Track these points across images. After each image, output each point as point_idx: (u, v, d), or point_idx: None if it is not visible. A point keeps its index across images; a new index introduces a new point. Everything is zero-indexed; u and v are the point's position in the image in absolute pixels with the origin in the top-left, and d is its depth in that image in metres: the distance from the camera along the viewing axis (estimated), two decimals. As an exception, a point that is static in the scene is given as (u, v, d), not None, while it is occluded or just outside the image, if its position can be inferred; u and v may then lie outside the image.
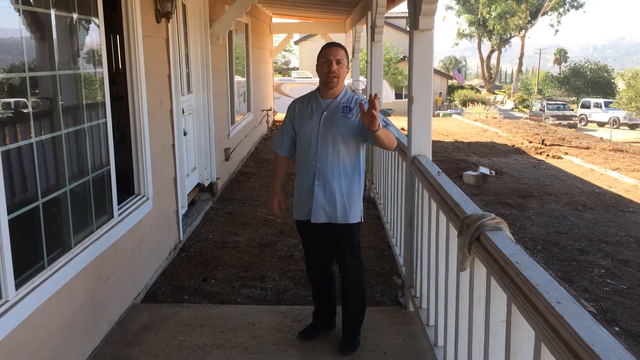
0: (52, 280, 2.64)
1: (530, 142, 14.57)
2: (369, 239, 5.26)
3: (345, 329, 3.18)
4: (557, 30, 51.90)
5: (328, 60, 2.97)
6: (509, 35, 52.45)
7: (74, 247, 2.95)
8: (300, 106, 3.13)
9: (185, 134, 5.60)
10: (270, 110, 13.74)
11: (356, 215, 3.06)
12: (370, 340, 3.22)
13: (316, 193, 3.01)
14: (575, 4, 49.53)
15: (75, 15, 3.09)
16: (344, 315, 3.19)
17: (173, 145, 4.86)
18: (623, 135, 27.21)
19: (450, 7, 53.29)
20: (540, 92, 50.35)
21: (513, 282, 1.68)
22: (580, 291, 4.83)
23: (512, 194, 8.32)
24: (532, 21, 50.41)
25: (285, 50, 47.32)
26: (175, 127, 4.91)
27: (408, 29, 3.63)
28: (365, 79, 8.25)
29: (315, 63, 3.05)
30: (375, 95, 2.75)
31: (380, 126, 2.77)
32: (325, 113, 3.01)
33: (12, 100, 2.60)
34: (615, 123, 32.15)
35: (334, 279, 3.32)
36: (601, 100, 35.77)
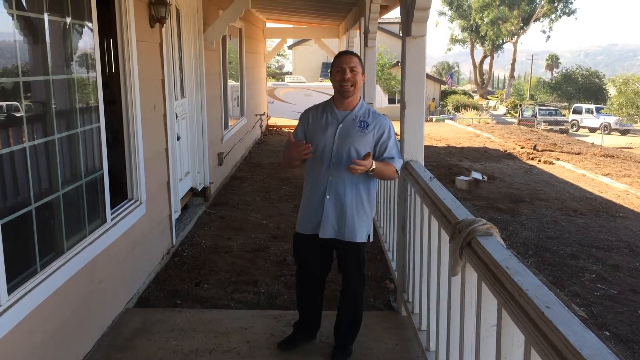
0: (45, 285, 2.63)
1: (523, 148, 14.65)
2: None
3: (339, 339, 3.15)
4: (549, 37, 52.30)
5: (341, 68, 2.88)
6: (501, 41, 52.78)
7: (66, 251, 2.95)
8: (314, 116, 3.03)
9: (178, 138, 5.60)
10: (263, 114, 13.75)
11: (363, 234, 2.98)
12: (363, 345, 3.23)
13: (326, 207, 2.92)
14: (567, 11, 49.94)
15: (68, 20, 3.09)
16: (339, 325, 3.15)
17: (166, 150, 4.87)
18: (614, 140, 27.41)
19: (443, 13, 53.53)
20: (532, 97, 50.65)
21: (503, 287, 1.70)
22: (571, 296, 4.87)
23: (504, 199, 8.37)
24: (524, 27, 50.77)
25: (279, 55, 47.37)
26: (169, 132, 4.91)
27: (401, 35, 3.65)
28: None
29: (309, 67, 3.04)
30: (367, 154, 2.79)
31: (374, 166, 2.78)
32: (341, 125, 2.93)
33: (4, 104, 2.59)
34: (607, 129, 32.40)
35: (323, 292, 3.26)
36: (592, 106, 36.01)
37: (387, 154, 2.93)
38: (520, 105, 38.94)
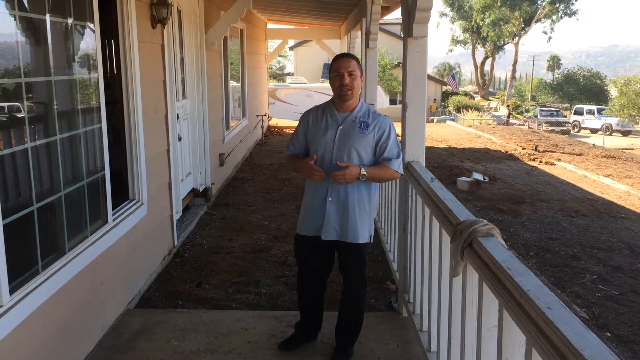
0: (47, 285, 2.64)
1: (524, 149, 14.64)
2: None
3: (340, 340, 3.16)
4: (550, 38, 52.28)
5: (339, 73, 2.87)
6: (502, 42, 52.74)
7: (68, 252, 2.95)
8: (315, 118, 3.03)
9: (180, 139, 5.61)
10: (265, 115, 13.76)
11: (365, 235, 2.98)
12: (364, 346, 3.23)
13: (328, 209, 2.92)
14: (568, 12, 49.89)
15: (70, 21, 3.10)
16: (340, 325, 3.16)
17: (168, 151, 4.87)
18: (615, 141, 27.39)
19: (444, 14, 53.48)
20: (533, 98, 50.65)
21: (505, 288, 1.70)
22: (572, 297, 4.86)
23: (505, 200, 8.36)
24: (526, 28, 50.74)
25: (280, 56, 47.43)
26: (170, 133, 4.92)
27: (402, 36, 3.66)
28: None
29: (311, 68, 3.04)
30: (347, 164, 2.81)
31: (363, 171, 2.82)
32: (341, 127, 2.93)
33: (6, 104, 2.60)
34: (608, 130, 32.37)
35: (325, 293, 3.27)
36: (594, 107, 36.00)
37: (387, 153, 2.94)
38: (509, 107, 38.94)
